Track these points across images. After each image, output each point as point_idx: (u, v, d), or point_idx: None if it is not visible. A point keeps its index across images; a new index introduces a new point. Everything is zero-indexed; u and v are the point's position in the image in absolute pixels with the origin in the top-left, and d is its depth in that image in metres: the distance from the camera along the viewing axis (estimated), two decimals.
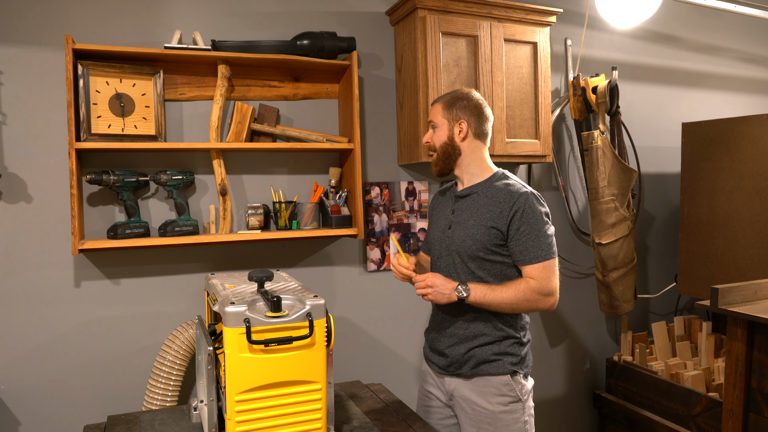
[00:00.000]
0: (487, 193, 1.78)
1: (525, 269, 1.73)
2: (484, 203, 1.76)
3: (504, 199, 1.73)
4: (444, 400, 1.89)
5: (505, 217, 1.72)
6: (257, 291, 1.54)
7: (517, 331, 1.80)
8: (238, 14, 2.32)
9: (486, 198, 1.77)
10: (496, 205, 1.74)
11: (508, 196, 1.73)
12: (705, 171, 2.77)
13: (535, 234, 1.71)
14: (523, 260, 1.72)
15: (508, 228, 1.72)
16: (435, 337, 1.88)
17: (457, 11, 2.37)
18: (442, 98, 1.84)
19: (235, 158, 2.32)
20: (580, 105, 2.81)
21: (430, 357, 1.91)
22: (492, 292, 1.69)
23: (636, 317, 3.20)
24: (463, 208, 1.81)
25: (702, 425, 2.45)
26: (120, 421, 1.74)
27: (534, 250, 1.70)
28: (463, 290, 1.69)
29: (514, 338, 1.79)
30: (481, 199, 1.78)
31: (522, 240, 1.71)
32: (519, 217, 1.70)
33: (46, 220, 2.09)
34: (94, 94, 2.05)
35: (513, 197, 1.72)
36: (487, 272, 1.75)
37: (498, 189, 1.76)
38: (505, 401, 1.77)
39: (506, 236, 1.73)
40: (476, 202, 1.78)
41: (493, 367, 1.77)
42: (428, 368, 1.94)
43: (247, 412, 1.41)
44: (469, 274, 1.76)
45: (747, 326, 1.93)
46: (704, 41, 3.34)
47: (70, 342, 2.13)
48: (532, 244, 1.70)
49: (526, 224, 1.70)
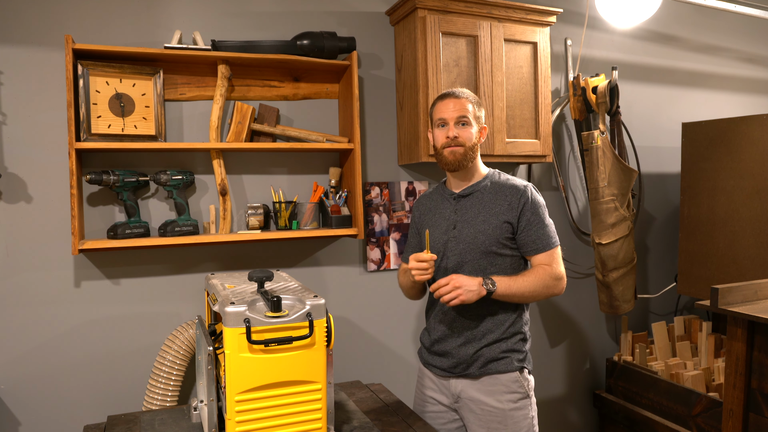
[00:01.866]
0: (490, 190, 1.82)
1: (536, 258, 1.79)
2: (490, 199, 1.81)
3: (510, 192, 1.80)
4: (447, 403, 1.88)
5: (515, 209, 1.78)
6: (257, 291, 1.54)
7: (521, 327, 1.84)
8: (238, 14, 2.32)
9: (491, 194, 1.81)
10: (504, 198, 1.79)
11: (514, 189, 1.80)
12: (705, 171, 2.77)
13: (543, 224, 1.79)
14: (536, 249, 1.78)
15: (518, 220, 1.78)
16: (439, 338, 1.86)
17: (457, 11, 2.37)
18: (467, 96, 1.81)
19: (235, 158, 2.32)
20: (580, 105, 2.81)
21: (430, 360, 1.90)
22: (515, 282, 1.73)
23: (636, 317, 3.20)
24: (466, 207, 1.83)
25: (702, 425, 2.45)
26: (120, 421, 1.74)
27: (544, 239, 1.78)
28: (490, 283, 1.70)
29: (519, 334, 1.83)
30: (485, 195, 1.82)
31: (533, 230, 1.78)
32: (528, 209, 1.78)
33: (46, 220, 2.09)
34: (94, 94, 2.05)
35: (519, 190, 1.80)
36: (497, 267, 1.79)
37: (501, 184, 1.83)
38: (515, 398, 1.79)
39: (516, 228, 1.79)
40: (480, 200, 1.82)
41: (501, 365, 1.79)
42: (427, 372, 1.93)
43: (247, 412, 1.41)
44: (479, 271, 1.78)
45: (747, 326, 1.93)
46: (704, 41, 3.34)
47: (70, 342, 2.13)
48: (542, 233, 1.78)
49: (534, 214, 1.78)
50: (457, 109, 1.79)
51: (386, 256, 2.57)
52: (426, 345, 1.93)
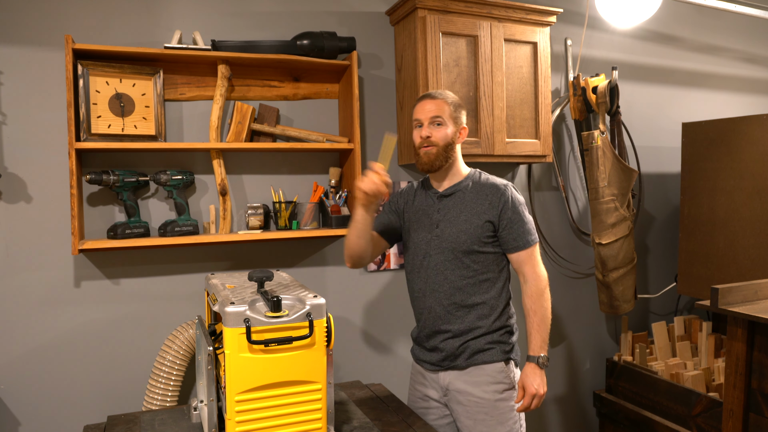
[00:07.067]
0: (471, 190, 1.86)
1: (517, 255, 1.83)
2: (471, 198, 1.84)
3: (491, 192, 1.84)
4: (437, 397, 1.91)
5: (495, 208, 1.81)
6: (257, 291, 1.54)
7: (507, 321, 1.88)
8: (238, 14, 2.32)
9: (472, 194, 1.85)
10: (485, 198, 1.83)
11: (495, 189, 1.84)
12: (705, 171, 2.77)
13: (522, 221, 1.83)
14: (516, 247, 1.83)
15: (499, 218, 1.82)
16: (427, 335, 1.89)
17: (457, 11, 2.37)
18: (444, 97, 1.85)
19: (235, 158, 2.32)
20: (580, 105, 2.81)
21: (421, 356, 1.94)
22: (541, 333, 1.81)
23: (636, 317, 3.20)
24: (449, 206, 1.86)
25: (702, 425, 2.45)
26: (120, 421, 1.74)
27: (525, 236, 1.83)
28: (542, 360, 1.80)
29: (505, 327, 1.87)
30: (467, 195, 1.85)
31: (514, 227, 1.82)
32: (509, 207, 1.82)
33: (46, 220, 2.09)
34: (94, 94, 2.05)
35: (500, 190, 1.84)
36: (481, 264, 1.83)
37: (482, 184, 1.86)
38: (500, 389, 1.83)
39: (497, 227, 1.82)
40: (462, 199, 1.85)
41: (487, 356, 1.83)
42: (420, 368, 1.95)
43: (247, 412, 1.41)
44: (464, 268, 1.82)
45: (747, 326, 1.93)
46: (704, 41, 3.34)
47: (70, 342, 2.13)
48: (522, 231, 1.83)
49: (515, 213, 1.82)
50: (431, 110, 1.82)
51: (386, 256, 2.57)
52: (416, 341, 1.97)
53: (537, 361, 1.80)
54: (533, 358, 1.80)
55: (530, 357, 1.81)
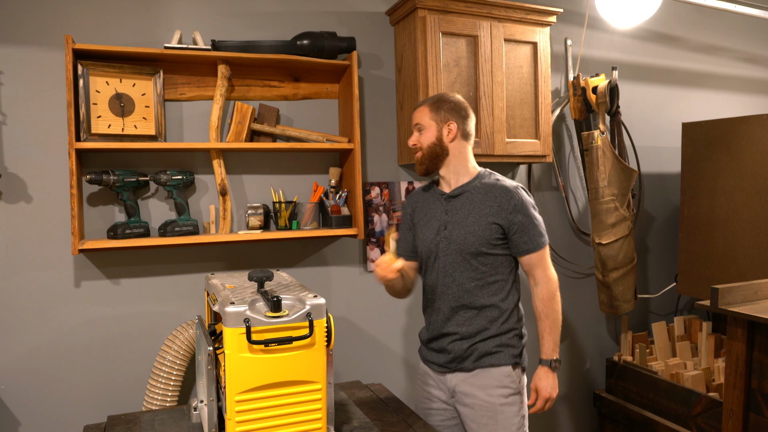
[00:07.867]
0: (480, 191, 1.83)
1: (528, 258, 1.82)
2: (480, 200, 1.82)
3: (500, 194, 1.80)
4: (445, 399, 1.90)
5: (505, 211, 1.79)
6: (257, 291, 1.54)
7: (516, 324, 1.86)
8: (238, 14, 2.32)
9: (481, 195, 1.82)
10: (494, 200, 1.80)
11: (504, 191, 1.81)
12: (705, 171, 2.77)
13: (533, 224, 1.81)
14: (528, 249, 1.81)
15: (509, 223, 1.79)
16: (436, 335, 1.88)
17: (457, 11, 2.37)
18: (426, 101, 1.87)
19: (235, 158, 2.32)
20: (580, 105, 2.81)
21: (429, 357, 1.92)
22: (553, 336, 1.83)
23: (636, 317, 3.20)
24: (457, 208, 1.84)
25: (702, 425, 2.45)
26: (120, 421, 1.74)
27: (536, 238, 1.81)
28: (554, 364, 1.83)
29: (514, 330, 1.85)
30: (475, 196, 1.83)
31: (526, 230, 1.80)
32: (520, 210, 1.79)
33: (46, 220, 2.09)
34: (94, 94, 2.05)
35: (509, 192, 1.80)
36: (489, 266, 1.81)
37: (491, 186, 1.83)
38: (505, 393, 1.81)
39: (507, 230, 1.80)
40: (470, 200, 1.83)
41: (495, 359, 1.81)
42: (427, 369, 1.94)
43: (247, 412, 1.41)
44: (472, 270, 1.80)
45: (747, 326, 1.93)
46: (704, 41, 3.34)
47: (70, 342, 2.13)
48: (534, 233, 1.81)
49: (526, 216, 1.80)
50: (414, 118, 1.89)
51: None
52: (424, 341, 1.96)
53: (550, 364, 1.81)
54: (546, 361, 1.81)
55: (543, 360, 1.82)
